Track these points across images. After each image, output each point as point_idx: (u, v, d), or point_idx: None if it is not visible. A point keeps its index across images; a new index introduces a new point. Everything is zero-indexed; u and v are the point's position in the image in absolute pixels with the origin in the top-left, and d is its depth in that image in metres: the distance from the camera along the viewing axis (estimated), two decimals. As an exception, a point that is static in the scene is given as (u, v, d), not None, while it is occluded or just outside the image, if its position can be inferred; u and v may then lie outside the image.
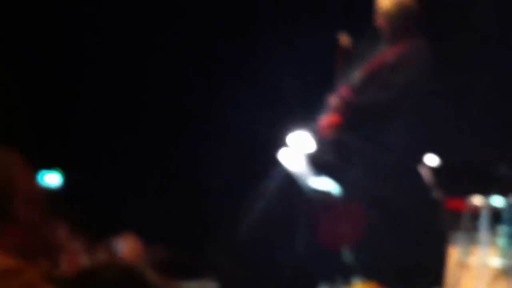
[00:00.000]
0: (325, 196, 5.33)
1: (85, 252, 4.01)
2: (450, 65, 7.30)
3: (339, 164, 5.03)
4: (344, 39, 4.93)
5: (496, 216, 5.26)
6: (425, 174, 6.27)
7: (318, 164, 5.76)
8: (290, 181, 5.59)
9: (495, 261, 5.16)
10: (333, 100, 5.03)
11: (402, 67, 4.93)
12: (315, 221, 8.32)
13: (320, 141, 5.40)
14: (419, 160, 6.31)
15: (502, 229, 5.19)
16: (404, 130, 4.92)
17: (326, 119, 5.04)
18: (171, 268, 8.88)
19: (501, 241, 5.17)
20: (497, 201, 5.22)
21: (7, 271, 1.85)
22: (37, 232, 2.26)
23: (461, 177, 7.25)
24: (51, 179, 9.68)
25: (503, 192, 5.33)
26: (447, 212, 5.94)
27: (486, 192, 5.35)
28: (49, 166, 9.54)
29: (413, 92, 4.98)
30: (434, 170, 6.33)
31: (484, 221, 5.07)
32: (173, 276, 8.63)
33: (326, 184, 5.25)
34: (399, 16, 4.97)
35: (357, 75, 5.06)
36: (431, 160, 6.42)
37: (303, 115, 8.75)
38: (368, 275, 4.89)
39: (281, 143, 8.83)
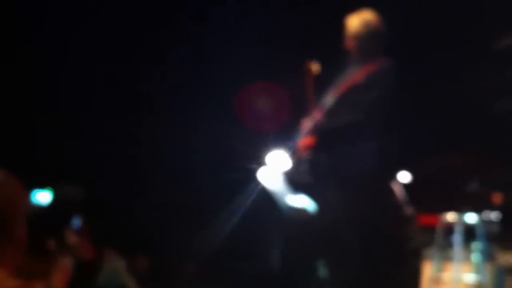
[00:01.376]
0: (300, 212, 4.99)
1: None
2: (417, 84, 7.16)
3: (313, 182, 4.70)
4: (313, 66, 4.61)
5: (469, 232, 4.97)
6: (397, 191, 5.99)
7: (294, 182, 5.48)
8: (268, 198, 5.26)
9: (469, 276, 4.85)
10: (306, 123, 4.69)
11: (373, 87, 4.61)
12: (290, 236, 8.13)
13: (296, 160, 5.10)
14: (391, 177, 6.04)
15: (475, 245, 4.89)
16: (375, 148, 4.60)
17: (301, 140, 4.71)
18: (152, 278, 8.64)
19: (474, 257, 4.87)
20: (470, 217, 4.90)
21: None
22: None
23: (433, 194, 7.03)
24: (42, 197, 9.36)
25: (475, 209, 5.08)
26: (420, 228, 5.67)
27: (459, 208, 5.08)
28: (41, 184, 9.24)
29: (383, 110, 4.66)
30: (406, 187, 6.05)
31: (457, 237, 4.74)
32: (154, 286, 8.40)
33: (302, 201, 4.92)
34: (368, 38, 4.68)
35: (329, 97, 4.73)
36: (404, 176, 6.15)
37: (280, 136, 8.75)
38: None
39: (260, 161, 8.70)
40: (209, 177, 9.12)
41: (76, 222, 3.59)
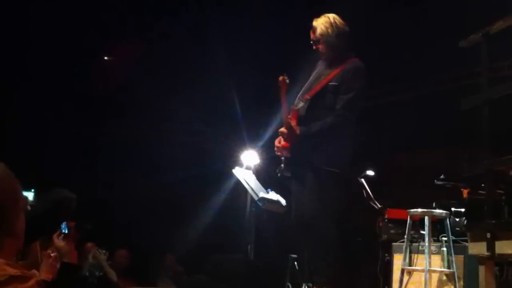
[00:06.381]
0: (273, 206, 4.66)
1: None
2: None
3: (291, 177, 4.34)
4: (284, 78, 4.37)
5: (438, 226, 4.64)
6: (367, 186, 5.72)
7: (268, 178, 5.19)
8: (243, 193, 4.91)
9: (438, 267, 4.57)
10: (282, 129, 4.35)
11: (347, 87, 4.29)
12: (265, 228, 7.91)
13: (271, 158, 4.79)
14: (362, 172, 5.76)
15: (444, 237, 4.57)
16: (351, 144, 4.27)
17: (278, 142, 4.36)
18: (133, 270, 8.27)
19: (443, 248, 4.54)
20: (438, 211, 4.57)
21: (13, 277, 1.75)
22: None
23: (403, 189, 6.77)
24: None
25: (443, 203, 4.76)
26: (390, 221, 5.34)
27: (428, 203, 4.74)
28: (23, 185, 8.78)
29: (358, 109, 4.34)
30: (376, 182, 5.78)
31: (426, 229, 4.40)
32: (133, 280, 8.03)
33: (274, 196, 4.60)
34: (335, 37, 4.38)
35: (299, 100, 4.38)
36: (372, 172, 5.87)
37: (253, 139, 8.55)
38: (318, 281, 4.16)
39: (236, 160, 8.47)
40: (189, 174, 8.78)
41: (64, 227, 3.29)
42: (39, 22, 7.59)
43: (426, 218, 4.45)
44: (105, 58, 9.09)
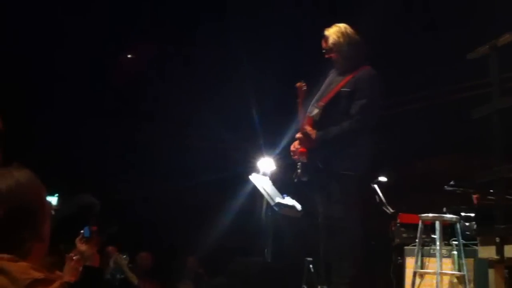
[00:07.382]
0: (290, 210, 4.74)
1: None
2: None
3: (308, 183, 4.40)
4: (301, 85, 4.49)
5: (449, 230, 4.67)
6: (380, 191, 5.75)
7: (284, 183, 5.26)
8: (260, 198, 5.00)
9: (449, 270, 4.60)
10: (298, 135, 4.43)
11: (360, 93, 4.35)
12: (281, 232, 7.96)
13: (289, 165, 4.86)
14: (376, 178, 5.80)
15: (455, 241, 4.60)
16: (367, 149, 4.33)
17: (294, 146, 4.43)
18: (155, 272, 8.36)
19: (454, 252, 4.58)
20: (449, 216, 4.61)
21: (38, 281, 1.79)
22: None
23: (415, 194, 6.79)
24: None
25: (454, 208, 4.81)
26: (402, 226, 5.39)
27: (439, 208, 4.79)
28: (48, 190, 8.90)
29: (373, 115, 4.39)
30: (387, 187, 5.81)
31: (438, 233, 4.44)
32: (156, 281, 8.13)
33: (290, 200, 4.67)
34: (348, 46, 4.43)
35: (313, 107, 4.45)
36: (383, 178, 5.91)
37: (270, 146, 8.62)
38: (338, 282, 4.23)
39: (252, 167, 8.55)
40: (210, 178, 8.86)
41: (87, 231, 3.35)
42: (70, 25, 7.74)
43: (437, 222, 4.51)
44: (131, 62, 9.20)
